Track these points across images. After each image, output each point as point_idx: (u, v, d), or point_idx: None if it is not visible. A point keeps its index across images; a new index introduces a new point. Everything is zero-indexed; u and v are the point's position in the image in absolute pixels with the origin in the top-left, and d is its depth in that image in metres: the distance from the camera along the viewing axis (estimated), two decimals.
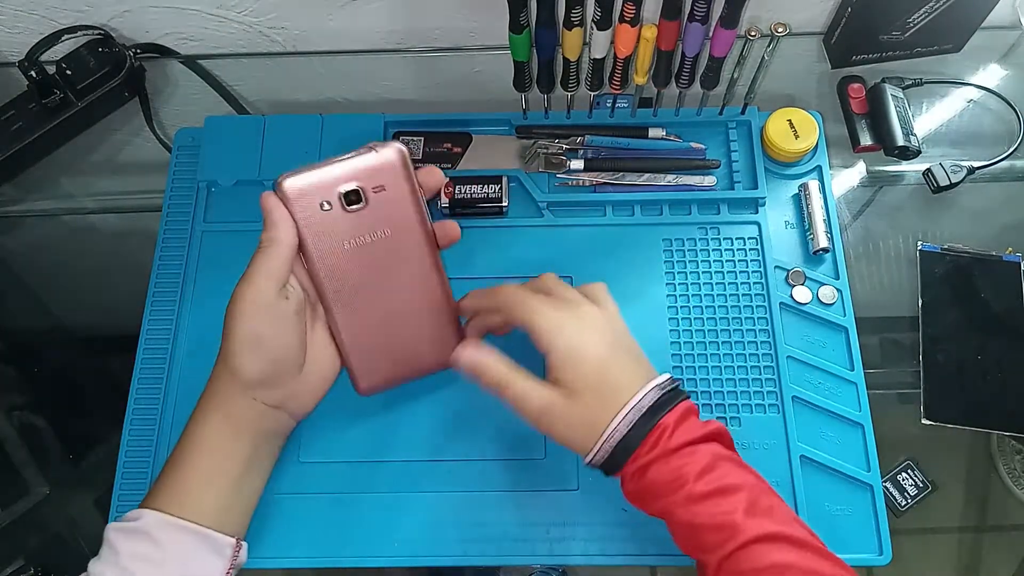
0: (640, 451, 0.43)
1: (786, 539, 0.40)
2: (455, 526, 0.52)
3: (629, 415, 0.43)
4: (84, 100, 0.65)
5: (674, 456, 0.42)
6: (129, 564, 0.41)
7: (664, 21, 0.53)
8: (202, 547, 0.43)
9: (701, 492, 0.41)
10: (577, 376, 0.44)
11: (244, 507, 0.47)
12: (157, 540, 0.42)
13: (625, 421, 0.43)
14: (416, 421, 0.55)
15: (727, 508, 0.41)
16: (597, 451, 0.43)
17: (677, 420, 0.43)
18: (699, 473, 0.42)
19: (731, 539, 0.40)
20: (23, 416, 0.62)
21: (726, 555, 0.40)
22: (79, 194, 0.70)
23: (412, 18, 0.69)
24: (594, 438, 0.43)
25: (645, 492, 0.43)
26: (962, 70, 0.69)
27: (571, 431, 0.44)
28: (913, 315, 0.60)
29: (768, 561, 0.39)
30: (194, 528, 0.43)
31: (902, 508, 0.55)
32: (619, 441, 0.43)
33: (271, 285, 0.44)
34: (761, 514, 0.41)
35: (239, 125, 0.65)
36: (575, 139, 0.62)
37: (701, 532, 0.41)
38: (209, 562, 0.43)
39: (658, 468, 0.42)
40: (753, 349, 0.56)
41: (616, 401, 0.43)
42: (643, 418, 0.43)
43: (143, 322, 0.58)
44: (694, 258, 0.59)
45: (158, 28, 0.69)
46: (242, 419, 0.45)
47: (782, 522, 0.41)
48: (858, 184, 0.66)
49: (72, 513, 0.58)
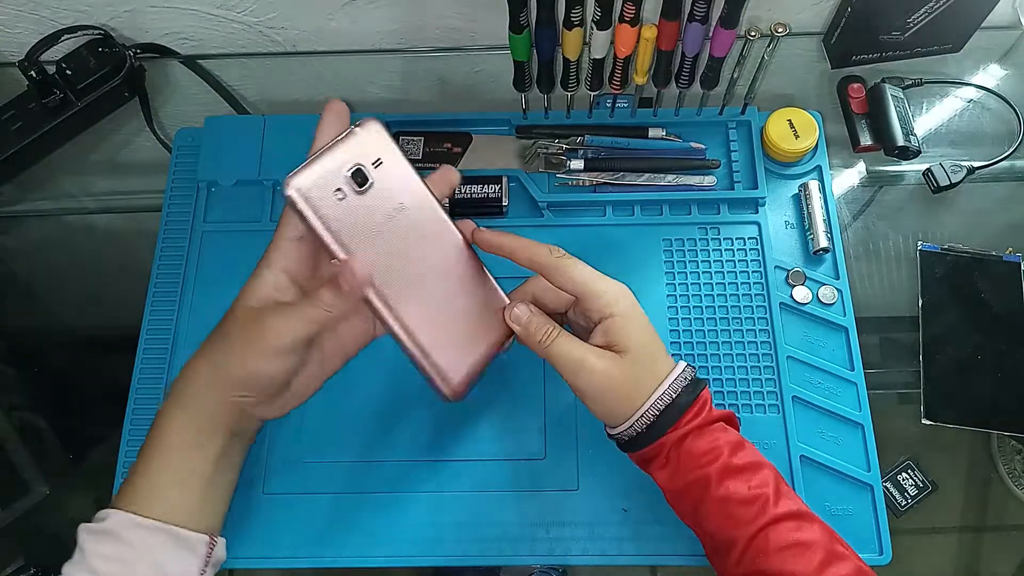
0: (684, 418, 0.44)
1: (811, 519, 0.42)
2: (455, 526, 0.52)
3: (676, 382, 0.44)
4: (84, 100, 0.65)
5: (711, 429, 0.44)
6: (98, 565, 0.40)
7: (664, 21, 0.53)
8: (173, 545, 0.42)
9: (737, 465, 0.43)
10: (631, 342, 0.44)
11: (217, 503, 0.45)
12: (126, 540, 0.41)
13: (673, 387, 0.44)
14: (416, 421, 0.55)
15: (760, 483, 0.42)
16: (643, 414, 0.44)
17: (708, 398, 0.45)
18: (733, 447, 0.43)
19: (762, 513, 0.41)
20: (23, 416, 0.62)
21: (757, 530, 0.41)
22: (79, 194, 0.70)
23: (412, 18, 0.69)
24: (641, 398, 0.44)
25: (680, 463, 0.44)
26: (962, 70, 0.69)
27: (613, 393, 0.45)
28: (913, 315, 0.60)
29: (795, 538, 0.41)
30: (163, 527, 0.42)
31: (902, 508, 0.55)
32: (668, 404, 0.44)
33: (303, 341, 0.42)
34: (785, 494, 0.43)
35: (239, 125, 0.65)
36: (575, 139, 0.62)
37: (733, 506, 0.42)
38: (182, 559, 0.42)
39: (696, 438, 0.44)
40: (753, 349, 0.56)
41: (662, 368, 0.45)
42: (689, 386, 0.44)
43: (143, 322, 0.58)
44: (694, 258, 0.59)
45: (158, 28, 0.69)
46: (217, 417, 0.43)
47: (802, 504, 0.43)
48: (858, 184, 0.66)
49: (72, 513, 0.58)
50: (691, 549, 0.50)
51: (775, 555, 0.40)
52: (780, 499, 0.42)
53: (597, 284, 0.45)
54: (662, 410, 0.44)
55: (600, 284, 0.45)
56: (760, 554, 0.41)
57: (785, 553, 0.40)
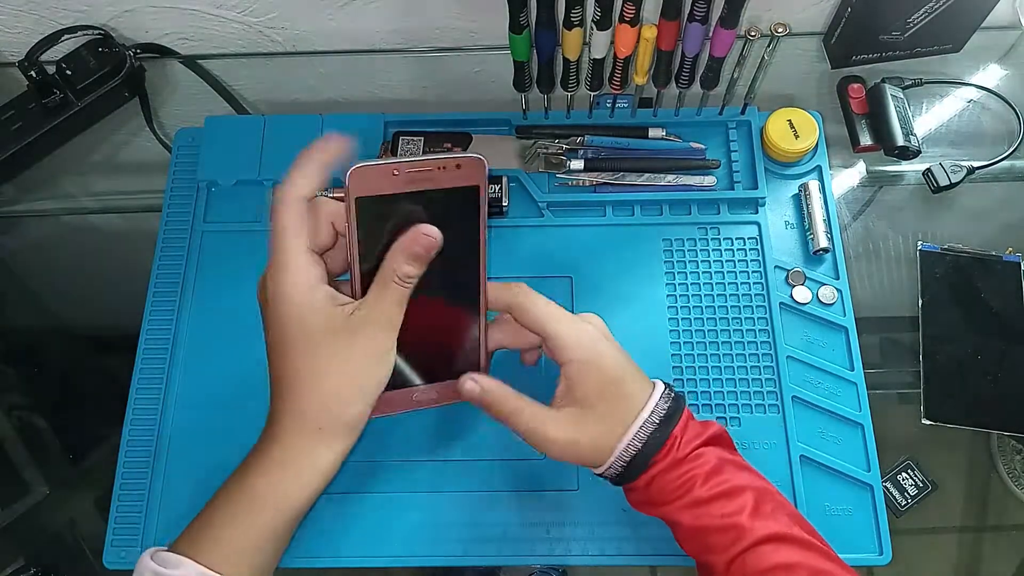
0: (654, 459, 0.43)
1: (791, 539, 0.41)
2: (455, 526, 0.52)
3: (642, 430, 0.43)
4: (84, 100, 0.65)
5: (682, 463, 0.42)
6: None
7: (664, 21, 0.53)
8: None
9: (707, 496, 0.42)
10: (588, 391, 0.43)
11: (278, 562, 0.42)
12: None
13: (638, 436, 0.43)
14: (416, 421, 0.54)
15: (733, 510, 0.41)
16: (610, 465, 0.43)
17: (683, 428, 0.43)
18: (705, 477, 0.42)
19: (738, 541, 0.40)
20: (23, 416, 0.62)
21: (733, 556, 0.40)
22: (79, 194, 0.70)
23: (412, 18, 0.69)
24: (607, 452, 0.43)
25: (653, 499, 0.43)
26: (962, 70, 0.69)
27: (584, 447, 0.43)
28: (913, 315, 0.60)
29: (774, 561, 0.40)
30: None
31: (902, 508, 0.55)
32: (635, 455, 0.43)
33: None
34: (766, 515, 0.41)
35: (239, 125, 0.65)
36: (575, 139, 0.62)
37: (708, 534, 0.41)
38: None
39: (666, 476, 0.42)
40: (753, 349, 0.56)
41: (628, 413, 0.43)
42: (656, 431, 0.43)
43: (143, 322, 0.58)
44: (694, 258, 0.59)
45: (158, 28, 0.69)
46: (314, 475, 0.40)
47: (787, 524, 0.42)
48: (858, 184, 0.66)
49: (72, 513, 0.58)
50: None
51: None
52: (758, 522, 0.41)
53: (555, 327, 0.43)
54: (629, 461, 0.43)
55: (558, 327, 0.43)
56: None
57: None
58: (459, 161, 0.40)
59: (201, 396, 0.56)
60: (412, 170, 0.40)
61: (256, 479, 0.40)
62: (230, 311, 0.57)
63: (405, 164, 0.40)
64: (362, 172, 0.39)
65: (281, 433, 0.40)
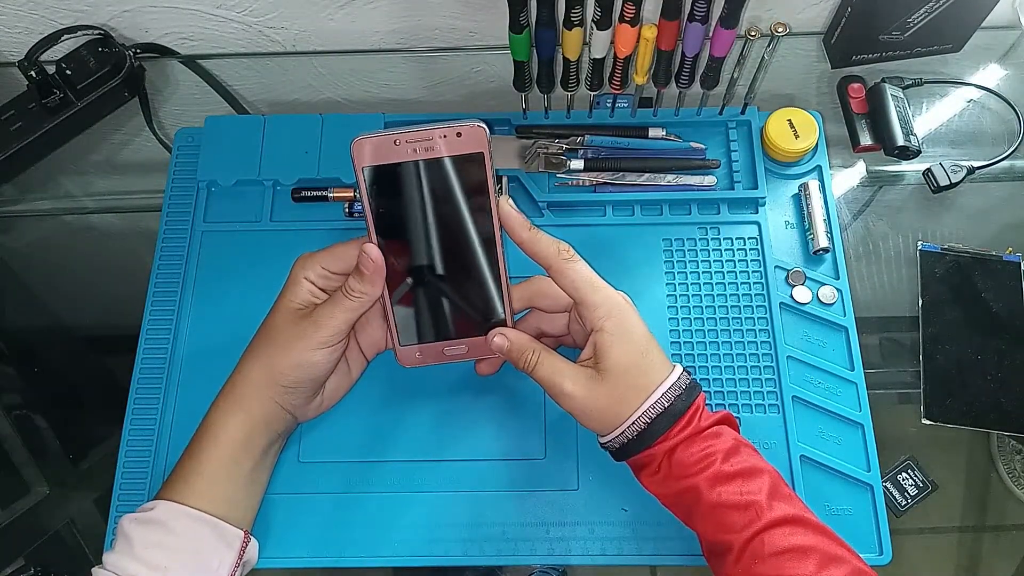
0: (673, 430, 0.44)
1: (806, 523, 0.42)
2: (455, 526, 0.52)
3: (664, 397, 0.44)
4: (84, 100, 0.65)
5: (702, 436, 0.44)
6: (142, 552, 0.42)
7: (664, 21, 0.53)
8: (214, 538, 0.44)
9: (728, 472, 0.43)
10: (611, 362, 0.45)
11: (251, 503, 0.48)
12: (171, 528, 0.43)
13: (666, 396, 0.44)
14: (416, 421, 0.55)
15: (753, 489, 0.42)
16: (623, 432, 0.44)
17: (701, 404, 0.45)
18: (726, 454, 0.43)
19: (756, 519, 0.41)
20: (23, 416, 0.62)
21: (751, 535, 0.41)
22: (79, 194, 0.70)
23: (412, 18, 0.69)
24: (619, 418, 0.44)
25: (673, 471, 0.44)
26: (962, 70, 0.69)
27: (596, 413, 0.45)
28: (913, 315, 0.60)
29: (791, 543, 0.41)
30: (209, 519, 0.44)
31: (902, 508, 0.55)
32: (649, 422, 0.44)
33: (344, 331, 0.46)
34: (782, 499, 0.43)
35: (239, 125, 0.65)
36: (575, 139, 0.62)
37: (727, 512, 0.42)
38: (220, 552, 0.44)
39: (687, 447, 0.44)
40: (753, 349, 0.56)
41: (649, 384, 0.45)
42: (683, 395, 0.45)
43: (143, 322, 0.58)
44: (694, 258, 0.59)
45: (158, 28, 0.69)
46: (262, 418, 0.47)
47: (802, 507, 0.43)
48: (858, 184, 0.66)
49: (72, 513, 0.58)
50: (691, 549, 0.50)
51: (770, 560, 0.40)
52: (775, 503, 0.42)
53: (592, 295, 0.45)
54: (650, 421, 0.44)
55: (595, 295, 0.45)
56: (756, 559, 0.41)
57: (781, 558, 0.40)
58: (460, 129, 0.43)
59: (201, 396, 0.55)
60: (414, 140, 0.42)
61: (208, 418, 0.47)
62: (230, 311, 0.57)
63: (406, 134, 0.42)
64: (364, 143, 0.43)
65: (230, 386, 0.48)
